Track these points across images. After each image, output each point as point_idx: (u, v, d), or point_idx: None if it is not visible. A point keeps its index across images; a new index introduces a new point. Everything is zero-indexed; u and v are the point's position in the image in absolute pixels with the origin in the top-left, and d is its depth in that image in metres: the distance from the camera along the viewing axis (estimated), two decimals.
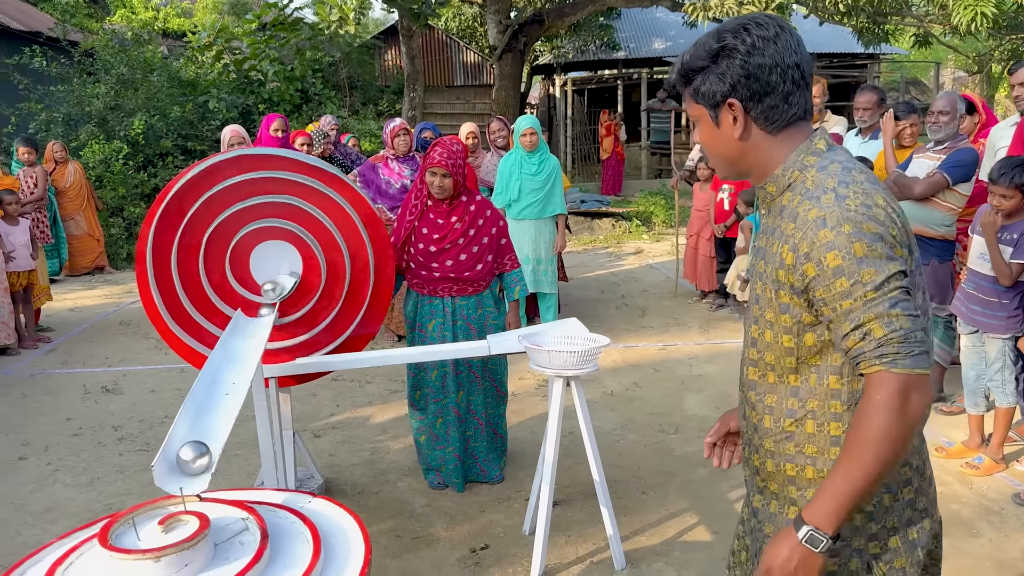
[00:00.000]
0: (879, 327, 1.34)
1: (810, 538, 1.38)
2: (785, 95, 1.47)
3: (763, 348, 1.54)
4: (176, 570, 1.69)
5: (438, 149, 3.62)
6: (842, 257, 1.35)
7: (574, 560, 3.24)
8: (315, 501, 2.11)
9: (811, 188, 1.44)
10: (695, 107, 1.55)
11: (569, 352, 3.01)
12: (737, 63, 1.45)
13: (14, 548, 3.46)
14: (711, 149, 1.58)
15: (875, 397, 1.35)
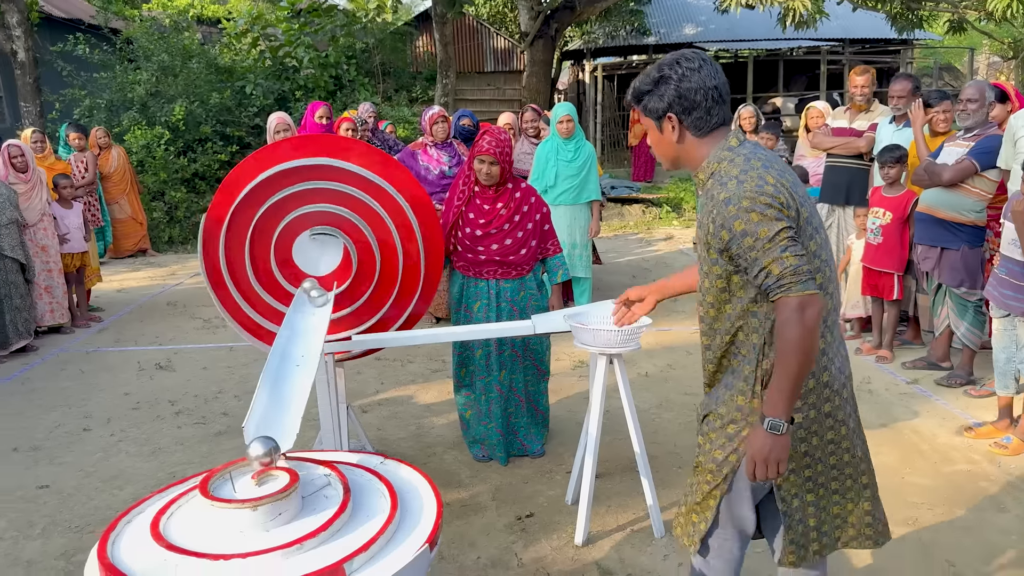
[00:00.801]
0: (776, 267, 1.90)
1: (772, 426, 1.95)
2: (707, 109, 2.03)
3: (706, 291, 2.12)
4: (271, 518, 1.88)
5: (487, 138, 3.78)
6: (744, 223, 1.92)
7: (615, 528, 3.41)
8: (387, 462, 2.29)
9: (722, 176, 2.01)
10: (645, 119, 2.12)
11: (613, 331, 3.16)
12: (672, 88, 2.03)
13: (87, 511, 3.70)
14: (657, 149, 2.16)
15: (782, 317, 1.92)
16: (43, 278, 6.49)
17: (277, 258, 3.47)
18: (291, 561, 1.78)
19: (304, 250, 3.49)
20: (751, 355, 2.05)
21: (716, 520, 2.20)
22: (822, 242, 2.05)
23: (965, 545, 3.21)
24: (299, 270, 3.50)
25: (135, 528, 1.99)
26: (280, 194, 3.39)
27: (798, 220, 1.97)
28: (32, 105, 11.98)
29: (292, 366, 2.78)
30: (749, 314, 2.04)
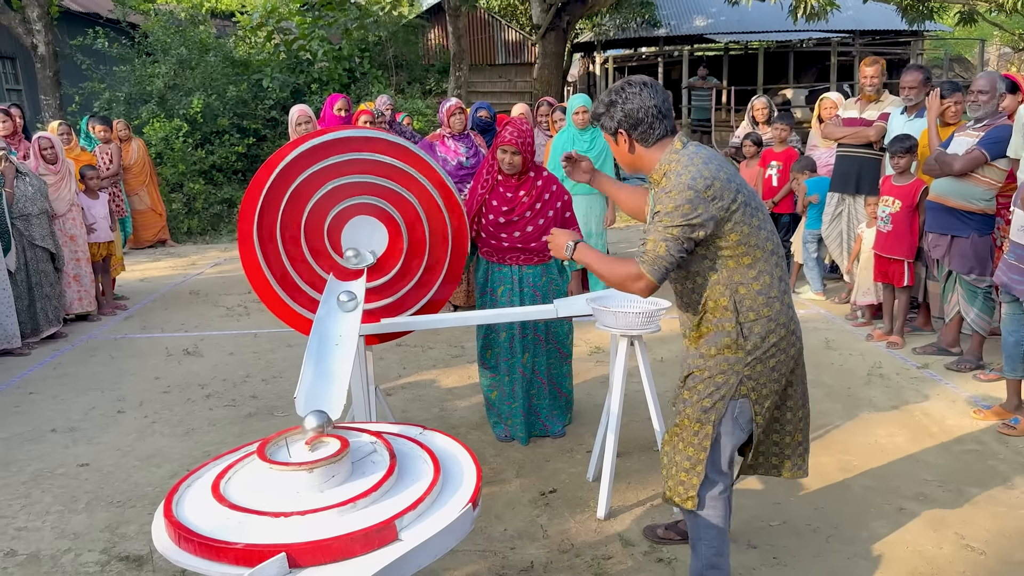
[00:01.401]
0: (651, 244, 2.38)
1: (569, 249, 2.65)
2: (649, 124, 2.45)
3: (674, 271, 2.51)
4: (325, 480, 2.03)
5: (509, 129, 3.91)
6: (662, 204, 2.36)
7: (635, 503, 3.55)
8: (426, 432, 2.44)
9: (669, 171, 2.42)
10: (606, 135, 2.56)
11: (635, 313, 3.30)
12: (618, 109, 2.47)
13: (128, 488, 3.86)
14: (617, 158, 2.60)
15: (629, 265, 2.44)
16: (72, 267, 6.66)
17: (310, 247, 3.61)
18: (346, 518, 1.92)
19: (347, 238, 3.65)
20: (729, 315, 2.44)
21: (707, 472, 2.54)
22: (764, 217, 2.47)
23: (975, 519, 3.33)
24: (333, 260, 3.65)
25: (196, 490, 2.13)
26: (326, 186, 3.54)
27: (734, 203, 2.36)
28: (52, 98, 12.16)
29: (331, 345, 2.92)
30: (712, 283, 2.45)
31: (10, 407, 4.96)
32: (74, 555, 3.27)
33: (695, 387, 2.52)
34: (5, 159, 5.97)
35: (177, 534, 1.91)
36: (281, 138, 12.66)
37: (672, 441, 2.62)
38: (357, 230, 3.69)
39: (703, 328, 2.51)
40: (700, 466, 2.53)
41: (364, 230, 3.69)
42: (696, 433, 2.52)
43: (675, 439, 2.60)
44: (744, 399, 2.50)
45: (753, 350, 2.46)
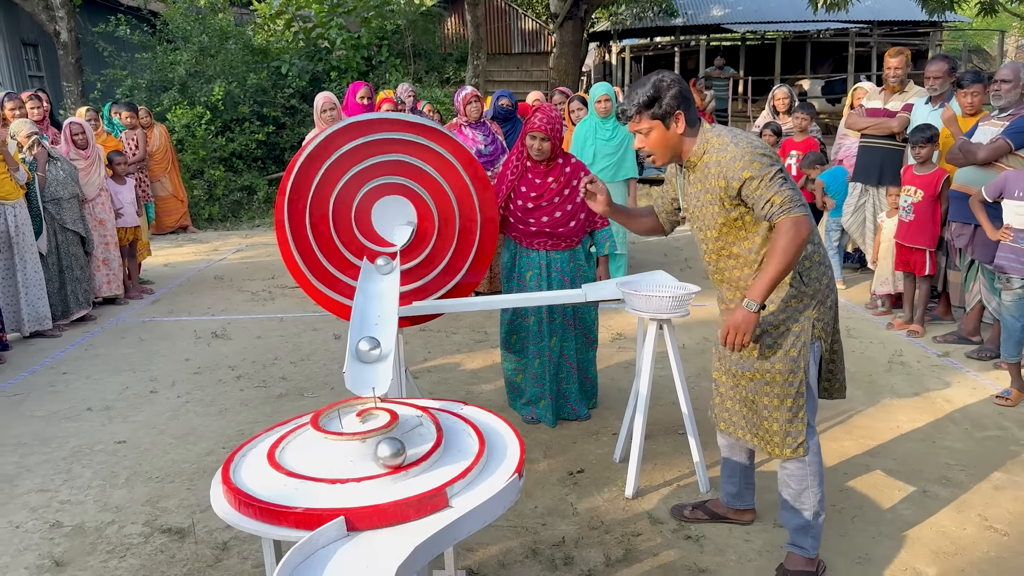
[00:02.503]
0: (777, 197, 2.50)
1: (748, 304, 2.58)
2: (692, 106, 2.67)
3: (723, 237, 2.73)
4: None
5: (539, 115, 3.97)
6: (750, 171, 2.54)
7: (662, 483, 3.62)
8: (466, 408, 2.51)
9: (718, 146, 2.63)
10: (649, 123, 2.66)
11: (665, 297, 3.36)
12: (676, 90, 2.64)
13: (165, 464, 3.96)
14: (662, 146, 2.70)
15: (780, 228, 2.52)
16: (101, 251, 6.77)
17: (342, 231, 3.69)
18: (398, 485, 2.00)
19: (378, 221, 3.72)
20: None
21: (808, 418, 2.76)
22: (794, 184, 2.62)
23: (997, 501, 3.39)
24: (362, 244, 3.73)
25: (252, 459, 2.22)
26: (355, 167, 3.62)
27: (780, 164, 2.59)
28: (74, 85, 12.27)
29: (371, 325, 3.00)
30: (768, 241, 2.63)
31: (45, 386, 5.07)
32: (118, 527, 3.37)
33: (776, 342, 2.70)
34: (38, 144, 6.07)
35: (237, 499, 1.99)
36: (300, 126, 12.75)
37: (757, 400, 2.79)
38: (389, 212, 3.77)
39: None
40: (802, 412, 2.74)
41: (396, 212, 3.77)
42: (791, 384, 2.71)
43: (763, 397, 2.77)
44: (818, 341, 2.73)
45: (815, 295, 2.69)
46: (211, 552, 3.15)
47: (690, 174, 2.76)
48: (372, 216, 3.77)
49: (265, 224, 11.22)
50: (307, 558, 1.79)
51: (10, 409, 4.71)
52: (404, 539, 1.84)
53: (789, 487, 2.84)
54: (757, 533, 3.19)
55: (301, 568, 1.76)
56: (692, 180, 2.76)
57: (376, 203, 3.76)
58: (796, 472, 2.81)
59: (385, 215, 3.79)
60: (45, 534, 3.33)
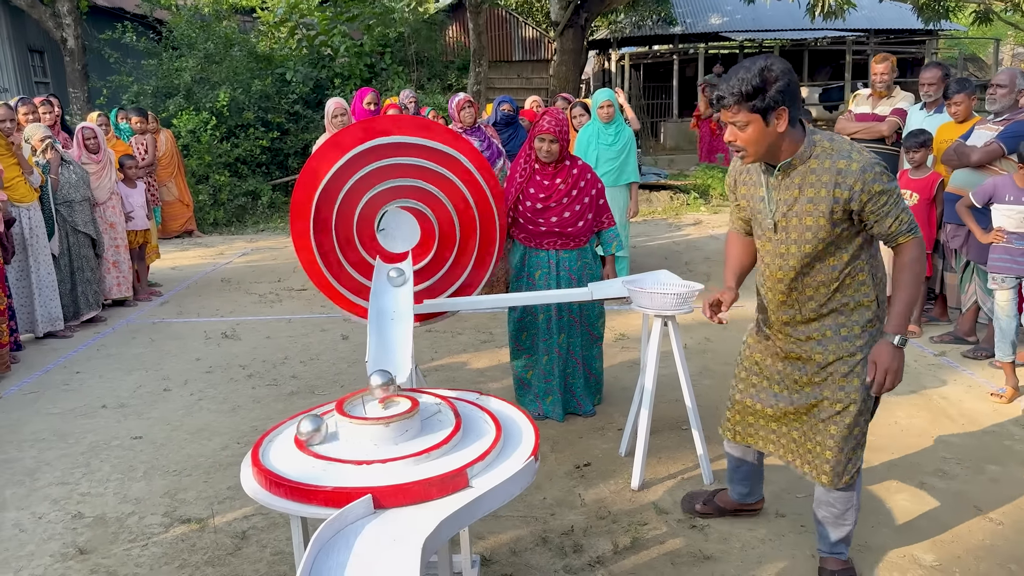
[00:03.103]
0: (905, 216, 2.42)
1: (900, 341, 2.46)
2: (799, 102, 2.42)
3: (817, 253, 2.50)
4: (400, 434, 2.22)
5: (546, 118, 4.09)
6: (881, 185, 2.38)
7: (667, 476, 3.72)
8: (482, 397, 2.62)
9: (834, 152, 2.42)
10: (748, 116, 2.39)
11: (670, 294, 3.47)
12: (783, 83, 2.36)
13: (182, 458, 4.06)
14: (758, 143, 2.43)
15: (913, 254, 2.44)
16: (111, 253, 6.88)
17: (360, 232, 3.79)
18: (421, 467, 2.10)
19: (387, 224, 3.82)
20: (867, 289, 2.54)
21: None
22: None
23: (993, 493, 3.50)
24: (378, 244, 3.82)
25: (279, 443, 2.32)
26: (364, 170, 3.72)
27: None
28: (80, 91, 12.40)
29: (388, 320, 3.12)
30: (856, 258, 2.50)
31: (60, 385, 5.17)
32: (138, 518, 3.47)
33: (853, 370, 2.57)
34: (51, 147, 6.18)
35: (267, 480, 2.10)
36: (304, 132, 12.86)
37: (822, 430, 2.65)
38: (398, 215, 3.86)
39: (832, 305, 2.55)
40: (864, 439, 2.66)
41: (404, 215, 3.87)
42: (862, 413, 2.60)
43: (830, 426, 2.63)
44: None
45: (884, 316, 2.59)
46: (231, 541, 3.25)
47: (782, 179, 2.50)
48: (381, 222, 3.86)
49: (269, 228, 11.33)
50: (337, 533, 1.89)
51: (27, 406, 4.81)
52: (428, 515, 1.94)
53: (833, 508, 2.77)
54: (761, 522, 3.29)
55: (332, 541, 1.86)
56: (785, 185, 2.50)
57: (386, 212, 3.84)
58: (843, 496, 2.74)
59: (394, 223, 3.88)
60: (68, 524, 3.43)
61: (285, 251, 9.66)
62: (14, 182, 5.71)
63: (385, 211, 3.76)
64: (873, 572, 2.95)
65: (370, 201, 3.71)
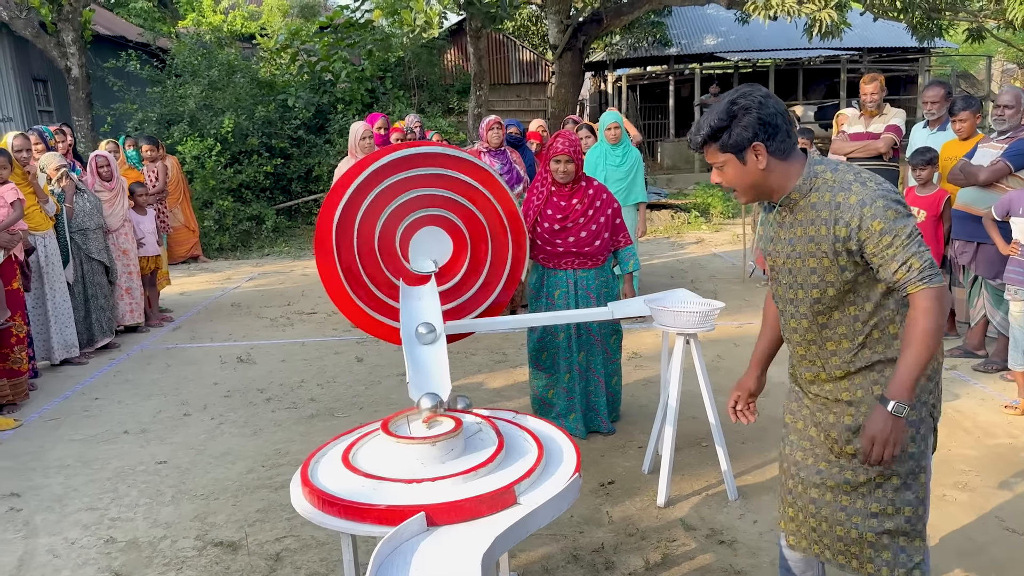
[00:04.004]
0: (916, 261, 1.99)
1: (895, 408, 2.01)
2: (787, 132, 2.10)
3: (828, 301, 2.16)
4: (446, 452, 2.27)
5: (560, 140, 4.17)
6: (883, 222, 2.00)
7: (691, 493, 3.77)
8: (518, 416, 2.67)
9: (835, 184, 2.08)
10: (721, 156, 2.14)
11: (693, 312, 3.54)
12: (752, 117, 2.07)
13: (208, 482, 4.09)
14: (740, 183, 2.17)
15: (924, 305, 2.00)
16: (124, 280, 6.93)
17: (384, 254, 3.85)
18: (469, 484, 2.16)
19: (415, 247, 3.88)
20: (897, 344, 2.12)
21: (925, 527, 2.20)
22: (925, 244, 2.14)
23: (1013, 504, 3.55)
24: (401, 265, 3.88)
25: (327, 462, 2.37)
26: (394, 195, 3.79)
27: None
28: (84, 119, 12.48)
29: (421, 344, 3.16)
30: (882, 308, 2.12)
31: (79, 411, 5.20)
32: (170, 541, 3.50)
33: None
34: (66, 176, 6.25)
35: (320, 500, 2.14)
36: (306, 156, 12.97)
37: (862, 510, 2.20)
38: (424, 239, 3.93)
39: (860, 363, 2.16)
40: (921, 523, 2.19)
41: (430, 239, 3.94)
42: (910, 488, 2.17)
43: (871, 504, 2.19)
44: (934, 430, 2.23)
45: (933, 374, 2.18)
46: (264, 563, 3.28)
47: (786, 215, 2.19)
48: (406, 246, 3.92)
49: (274, 253, 11.39)
50: (394, 550, 1.94)
51: (49, 433, 4.84)
52: (482, 532, 1.99)
53: None
54: None
55: (391, 559, 1.91)
56: (789, 223, 2.18)
57: (414, 236, 3.91)
58: None
59: (419, 246, 3.94)
60: (101, 549, 3.46)
61: (292, 275, 9.72)
62: (31, 211, 5.77)
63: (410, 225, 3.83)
64: None
65: (397, 221, 3.78)
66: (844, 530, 2.23)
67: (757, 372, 2.52)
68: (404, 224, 3.84)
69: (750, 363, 2.54)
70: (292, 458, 4.29)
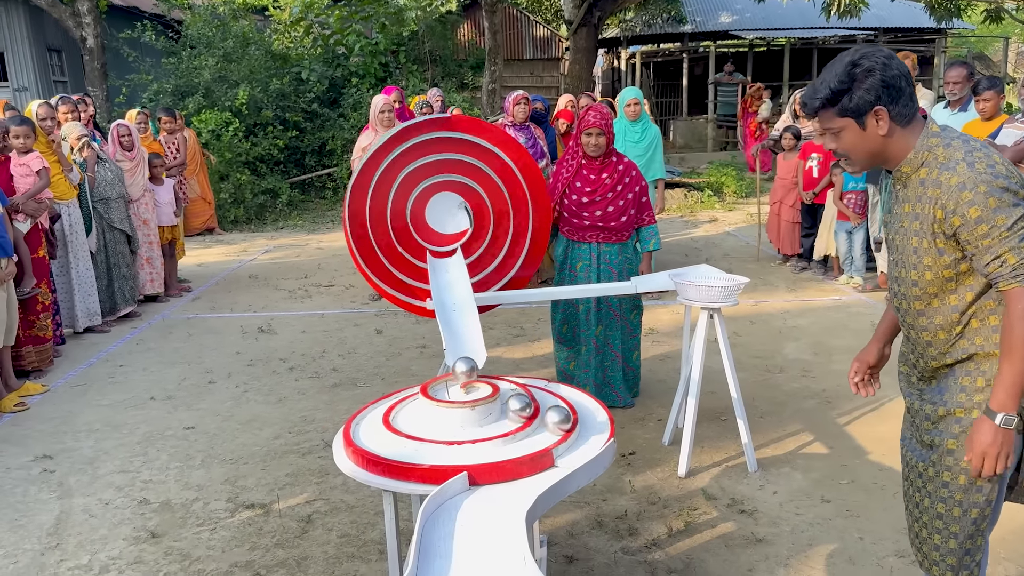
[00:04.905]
0: (1012, 256, 1.86)
1: (1005, 421, 1.92)
2: (910, 96, 1.98)
3: (925, 285, 2.03)
4: (483, 416, 2.33)
5: (592, 113, 4.20)
6: (980, 210, 1.87)
7: (711, 464, 3.84)
8: (550, 383, 2.73)
9: (944, 161, 1.94)
10: (839, 121, 2.01)
11: (717, 287, 3.59)
12: (878, 78, 1.94)
13: (236, 447, 4.17)
14: (857, 150, 2.04)
15: (1018, 308, 1.87)
16: (144, 250, 6.99)
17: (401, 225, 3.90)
18: (508, 447, 2.22)
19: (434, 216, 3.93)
20: (996, 337, 1.99)
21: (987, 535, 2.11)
22: None
23: None
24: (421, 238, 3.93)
25: (368, 424, 2.43)
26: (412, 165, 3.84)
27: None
28: (99, 90, 12.51)
29: (451, 312, 3.23)
30: (984, 297, 1.99)
31: (105, 378, 5.29)
32: (203, 503, 3.59)
33: (966, 431, 2.01)
34: (87, 145, 6.30)
35: (364, 459, 2.21)
36: (320, 130, 12.98)
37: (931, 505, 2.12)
38: (445, 210, 3.97)
39: (957, 355, 2.04)
40: (987, 524, 2.09)
41: (449, 209, 3.98)
42: (980, 490, 2.03)
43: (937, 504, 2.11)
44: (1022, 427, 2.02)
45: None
46: (296, 524, 3.37)
47: (899, 189, 2.07)
48: (428, 215, 3.97)
49: (289, 227, 11.44)
50: (439, 507, 2.01)
51: (76, 398, 4.92)
52: (522, 492, 2.05)
53: None
54: (807, 507, 3.41)
55: (436, 515, 1.97)
56: (901, 198, 2.07)
57: (431, 201, 3.96)
58: None
59: (438, 210, 3.99)
60: (135, 510, 3.54)
61: (307, 248, 9.78)
62: (56, 179, 5.82)
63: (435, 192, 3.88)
64: None
65: (423, 188, 3.83)
66: (919, 526, 2.18)
67: (879, 345, 2.41)
68: (423, 193, 3.87)
69: (873, 336, 2.45)
70: (318, 425, 4.37)
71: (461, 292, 3.37)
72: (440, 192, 3.95)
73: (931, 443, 2.10)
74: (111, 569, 3.10)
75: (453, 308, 3.24)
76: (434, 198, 3.95)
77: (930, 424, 2.11)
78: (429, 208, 3.95)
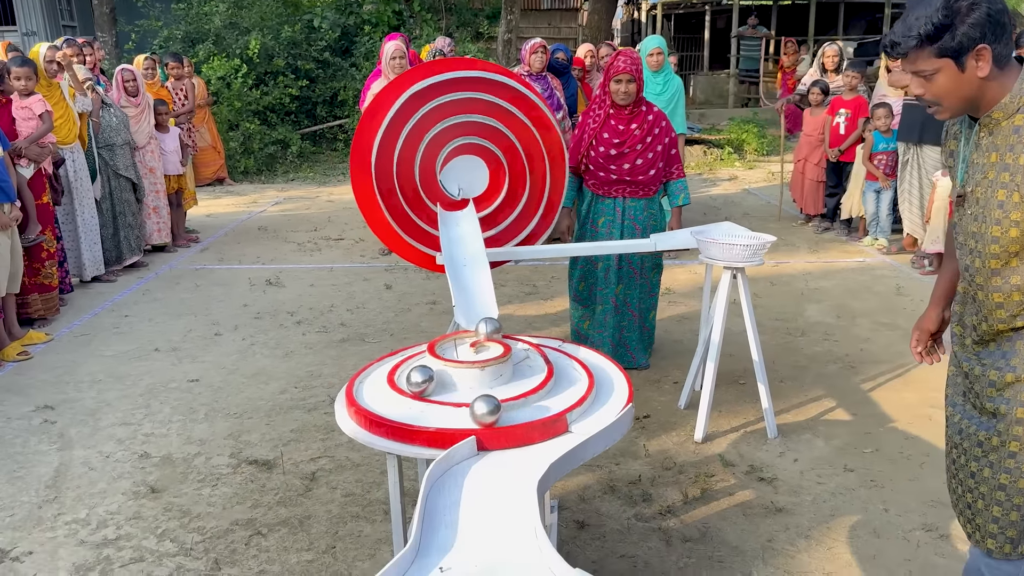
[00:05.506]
0: None
1: None
2: (1010, 35, 1.77)
3: (1007, 242, 1.84)
4: (494, 378, 2.20)
5: (622, 58, 3.99)
6: None
7: (729, 429, 3.70)
8: (565, 344, 2.58)
9: None
10: (937, 62, 1.79)
11: (742, 245, 3.41)
12: (984, 12, 1.72)
13: (241, 401, 4.07)
14: (951, 95, 1.83)
15: None
16: (151, 199, 6.86)
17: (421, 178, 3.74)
18: (520, 411, 2.08)
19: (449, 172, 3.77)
20: None
21: None
22: None
23: None
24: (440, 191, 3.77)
25: (372, 383, 2.30)
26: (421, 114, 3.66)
27: None
28: (108, 35, 12.28)
29: (461, 267, 3.08)
30: None
31: (110, 328, 5.19)
32: (205, 458, 3.49)
33: None
34: (92, 89, 6.13)
35: (367, 420, 2.08)
36: (332, 80, 12.72)
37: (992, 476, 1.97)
38: (459, 167, 3.81)
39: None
40: None
41: (466, 167, 3.81)
42: None
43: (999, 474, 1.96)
44: None
45: None
46: (300, 482, 3.27)
47: (984, 136, 1.87)
48: (441, 172, 3.81)
49: (299, 178, 11.27)
50: (445, 472, 1.88)
51: (80, 348, 4.83)
52: (533, 459, 1.92)
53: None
54: (829, 476, 3.28)
55: (442, 480, 1.85)
56: (986, 146, 1.87)
57: (447, 162, 3.79)
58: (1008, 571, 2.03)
59: (457, 171, 3.83)
60: (135, 463, 3.46)
61: (318, 200, 9.62)
62: (58, 123, 5.66)
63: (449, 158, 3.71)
64: None
65: (435, 139, 3.66)
66: (972, 497, 2.02)
67: (938, 309, 2.28)
68: (443, 152, 3.72)
69: (930, 301, 2.31)
70: (325, 380, 4.26)
71: (473, 247, 3.22)
72: (461, 155, 3.78)
73: (995, 411, 1.94)
74: (109, 524, 3.02)
75: (464, 263, 3.09)
76: (456, 160, 3.78)
77: (994, 391, 1.94)
78: (448, 166, 3.79)
